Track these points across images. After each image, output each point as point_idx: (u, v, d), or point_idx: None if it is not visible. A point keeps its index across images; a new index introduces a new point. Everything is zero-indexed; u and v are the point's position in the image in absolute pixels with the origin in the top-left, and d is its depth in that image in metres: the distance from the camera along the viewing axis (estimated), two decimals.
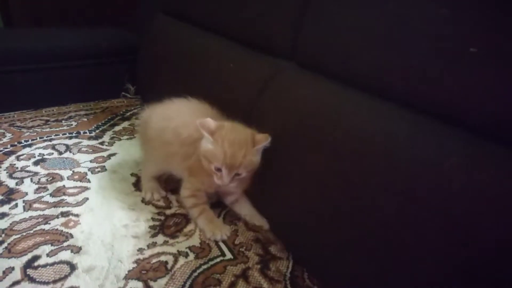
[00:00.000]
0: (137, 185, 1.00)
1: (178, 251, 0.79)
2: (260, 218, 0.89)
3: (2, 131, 1.25)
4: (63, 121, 1.34)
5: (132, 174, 1.04)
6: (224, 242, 0.82)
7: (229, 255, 0.78)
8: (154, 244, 0.80)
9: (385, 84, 0.72)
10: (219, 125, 0.80)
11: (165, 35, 1.45)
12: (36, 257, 0.74)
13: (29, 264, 0.72)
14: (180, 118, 0.92)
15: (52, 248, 0.76)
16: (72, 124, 1.32)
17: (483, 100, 0.60)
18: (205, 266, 0.75)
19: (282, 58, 0.97)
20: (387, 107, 0.71)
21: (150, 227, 0.85)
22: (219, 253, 0.79)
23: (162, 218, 0.89)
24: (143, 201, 0.94)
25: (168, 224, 0.87)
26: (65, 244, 0.78)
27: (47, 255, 0.74)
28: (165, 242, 0.81)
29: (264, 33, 1.03)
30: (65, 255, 0.75)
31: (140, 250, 0.78)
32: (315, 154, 0.77)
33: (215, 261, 0.77)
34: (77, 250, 0.76)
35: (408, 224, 0.60)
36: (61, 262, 0.73)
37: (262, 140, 0.79)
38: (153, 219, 0.88)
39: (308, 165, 0.79)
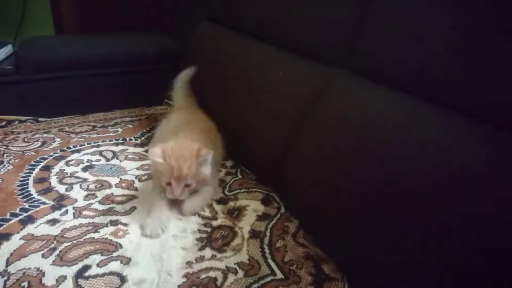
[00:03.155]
0: None
1: (226, 267, 0.76)
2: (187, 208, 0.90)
3: (52, 135, 1.28)
4: (109, 127, 1.36)
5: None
6: (273, 259, 0.79)
7: (280, 275, 0.75)
8: (202, 258, 0.78)
9: (456, 95, 0.67)
10: (165, 147, 0.91)
11: (209, 42, 1.45)
12: (87, 267, 0.73)
13: (80, 274, 0.72)
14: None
15: (102, 258, 0.76)
16: (118, 131, 1.34)
17: None
18: (255, 286, 0.72)
19: (335, 65, 0.94)
20: (459, 121, 0.66)
21: (197, 239, 0.83)
22: (269, 272, 0.76)
23: (209, 230, 0.87)
24: None
25: (215, 237, 0.85)
26: (114, 254, 0.77)
27: (97, 265, 0.74)
28: (213, 257, 0.79)
29: (316, 40, 0.99)
30: (115, 266, 0.74)
31: (189, 263, 0.76)
32: (373, 169, 0.73)
33: (265, 280, 0.73)
34: (126, 261, 0.75)
35: (489, 251, 0.54)
36: (111, 273, 0.72)
37: (204, 154, 0.90)
38: (199, 230, 0.86)
39: (365, 180, 0.74)
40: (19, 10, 2.02)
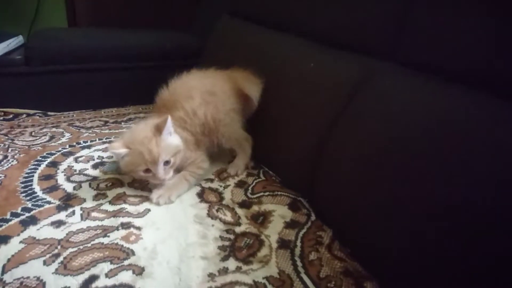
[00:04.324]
0: (202, 196, 0.89)
1: (254, 281, 0.66)
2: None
3: (61, 130, 1.20)
4: (122, 123, 1.28)
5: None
6: (307, 274, 0.68)
7: None
8: (225, 271, 0.67)
9: None
10: (122, 137, 0.86)
11: (231, 36, 1.36)
12: (94, 277, 0.63)
13: (86, 285, 0.62)
14: None
15: (112, 266, 0.66)
16: (131, 127, 1.24)
17: None
18: None
19: (378, 57, 0.83)
20: None
21: (219, 247, 0.73)
22: None
23: (232, 237, 0.77)
24: (209, 214, 0.83)
25: (239, 246, 0.74)
26: (126, 262, 0.67)
27: (106, 275, 0.64)
28: (238, 269, 0.68)
29: (355, 30, 0.90)
30: (126, 276, 0.64)
31: (211, 276, 0.66)
32: (428, 171, 0.62)
33: None
34: (139, 271, 0.65)
35: None
36: (121, 285, 0.62)
37: (163, 124, 0.82)
38: (221, 238, 0.76)
39: (419, 185, 0.64)
40: (33, 3, 1.96)
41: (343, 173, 0.80)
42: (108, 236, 0.74)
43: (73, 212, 0.80)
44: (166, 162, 0.83)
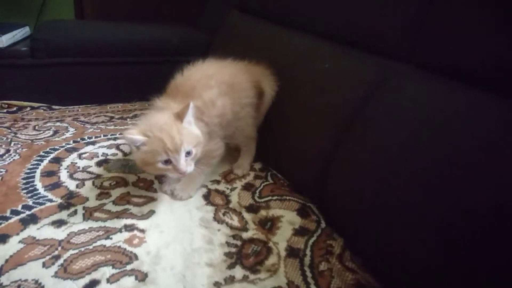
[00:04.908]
0: (208, 198, 0.86)
1: None
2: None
3: (66, 125, 1.17)
4: (128, 119, 1.25)
5: (201, 185, 0.91)
6: (317, 285, 0.65)
7: None
8: (232, 279, 0.65)
9: None
10: (139, 125, 0.78)
11: (240, 32, 1.32)
12: (95, 282, 0.61)
13: None
14: None
15: (114, 271, 0.63)
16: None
17: None
18: None
19: (394, 59, 0.80)
20: None
21: (226, 254, 0.70)
22: None
23: (239, 243, 0.74)
24: (215, 218, 0.80)
25: (246, 253, 0.71)
26: (128, 267, 0.64)
27: (108, 280, 0.61)
28: (245, 278, 0.65)
29: (371, 30, 0.86)
30: (128, 282, 0.61)
31: (217, 285, 0.63)
32: (449, 177, 0.59)
33: None
34: (142, 277, 0.63)
35: None
36: None
37: (185, 111, 0.76)
38: (228, 244, 0.73)
39: (437, 190, 0.60)
40: None
41: (357, 178, 0.76)
42: (111, 238, 0.71)
43: (75, 212, 0.77)
44: (187, 153, 0.76)
